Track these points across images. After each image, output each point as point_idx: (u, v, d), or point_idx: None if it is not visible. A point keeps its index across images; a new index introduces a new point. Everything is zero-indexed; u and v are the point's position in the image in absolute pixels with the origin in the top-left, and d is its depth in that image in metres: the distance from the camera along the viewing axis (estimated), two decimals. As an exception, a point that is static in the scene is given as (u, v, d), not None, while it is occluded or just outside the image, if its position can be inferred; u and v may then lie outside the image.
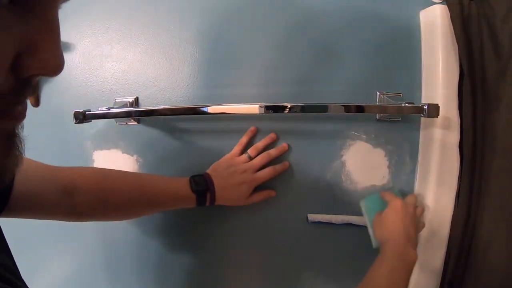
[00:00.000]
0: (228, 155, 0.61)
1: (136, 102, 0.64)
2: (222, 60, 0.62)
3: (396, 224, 0.50)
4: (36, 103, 0.68)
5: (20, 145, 0.22)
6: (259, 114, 0.55)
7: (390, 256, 0.47)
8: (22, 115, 0.21)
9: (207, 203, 0.57)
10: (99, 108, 0.60)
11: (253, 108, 0.55)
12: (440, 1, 0.57)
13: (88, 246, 0.70)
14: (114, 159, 0.67)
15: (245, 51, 0.62)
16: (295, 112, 0.54)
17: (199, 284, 0.69)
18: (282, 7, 0.61)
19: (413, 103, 0.55)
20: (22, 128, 0.22)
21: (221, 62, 0.62)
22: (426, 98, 0.59)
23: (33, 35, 0.18)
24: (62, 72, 0.20)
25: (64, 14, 0.23)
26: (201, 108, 0.58)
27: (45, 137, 0.69)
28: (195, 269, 0.68)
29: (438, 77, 0.56)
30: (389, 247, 0.48)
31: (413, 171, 0.62)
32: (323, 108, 0.54)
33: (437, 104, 0.52)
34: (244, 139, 0.61)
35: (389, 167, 0.61)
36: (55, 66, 0.20)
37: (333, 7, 0.60)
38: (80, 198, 0.49)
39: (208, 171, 0.59)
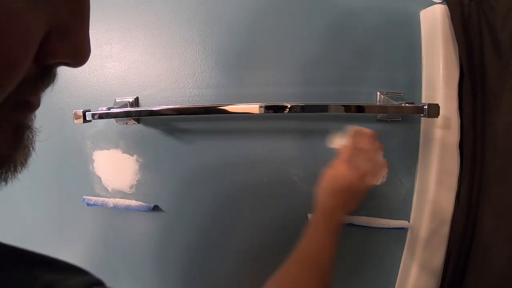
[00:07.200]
0: None
1: (136, 102, 0.64)
2: (222, 60, 0.62)
3: (328, 190, 0.48)
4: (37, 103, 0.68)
5: (30, 137, 0.20)
6: (259, 114, 0.55)
7: (315, 229, 0.45)
8: (36, 106, 0.20)
9: None
10: (99, 108, 0.60)
11: (253, 108, 0.55)
12: (440, 1, 0.57)
13: (89, 245, 0.70)
14: (114, 159, 0.67)
15: (245, 51, 0.62)
16: (295, 112, 0.54)
17: (199, 282, 0.69)
18: (281, 8, 0.61)
19: (413, 103, 0.55)
20: (35, 118, 0.21)
21: (221, 62, 0.62)
22: (426, 98, 0.59)
23: (64, 17, 0.17)
24: (62, 72, 0.20)
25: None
26: (201, 108, 0.58)
27: (45, 137, 0.69)
28: (195, 268, 0.68)
29: (438, 77, 0.56)
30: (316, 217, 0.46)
31: (413, 171, 0.62)
32: (323, 108, 0.55)
33: (437, 104, 0.52)
34: None
35: (388, 167, 0.61)
36: (84, 54, 0.18)
37: (333, 7, 0.60)
38: None
39: None
